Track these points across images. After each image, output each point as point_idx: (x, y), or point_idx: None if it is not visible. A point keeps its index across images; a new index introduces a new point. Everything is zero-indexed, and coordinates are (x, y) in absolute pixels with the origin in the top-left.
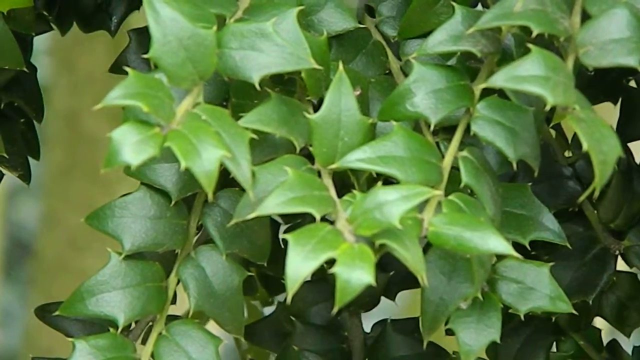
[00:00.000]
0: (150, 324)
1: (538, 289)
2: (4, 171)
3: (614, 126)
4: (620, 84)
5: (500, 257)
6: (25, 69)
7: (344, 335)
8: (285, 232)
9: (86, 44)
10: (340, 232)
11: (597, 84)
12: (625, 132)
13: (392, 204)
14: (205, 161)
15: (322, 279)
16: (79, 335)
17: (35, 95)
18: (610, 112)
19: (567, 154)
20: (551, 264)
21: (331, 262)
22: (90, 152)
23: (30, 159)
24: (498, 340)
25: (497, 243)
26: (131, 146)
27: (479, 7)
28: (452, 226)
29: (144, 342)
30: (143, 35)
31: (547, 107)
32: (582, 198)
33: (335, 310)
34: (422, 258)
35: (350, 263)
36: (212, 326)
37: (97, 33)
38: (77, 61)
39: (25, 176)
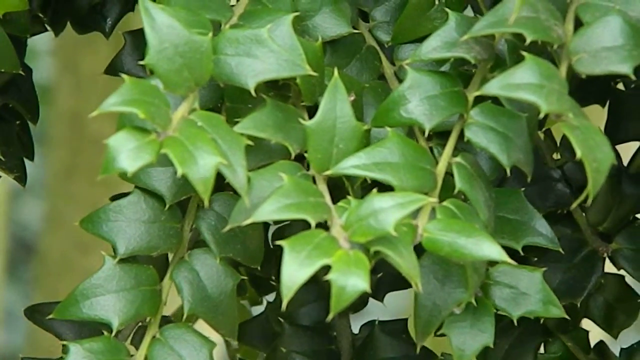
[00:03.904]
0: (140, 324)
1: (531, 294)
2: (0, 173)
3: (602, 128)
4: (609, 87)
5: (494, 262)
6: (21, 72)
7: (333, 336)
8: (275, 234)
9: (89, 44)
10: (335, 238)
11: (585, 86)
12: (613, 134)
13: (386, 211)
14: (202, 168)
15: (311, 280)
16: (70, 338)
17: (30, 97)
18: (599, 115)
19: (555, 156)
20: (543, 269)
21: (325, 269)
22: (94, 153)
23: (32, 159)
24: (491, 345)
25: (491, 249)
26: (128, 153)
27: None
28: (447, 232)
29: (133, 343)
30: (138, 38)
31: (541, 115)
32: (574, 205)
33: (330, 317)
34: (417, 264)
35: (346, 270)
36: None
37: (99, 34)
38: (80, 62)
39: (22, 178)
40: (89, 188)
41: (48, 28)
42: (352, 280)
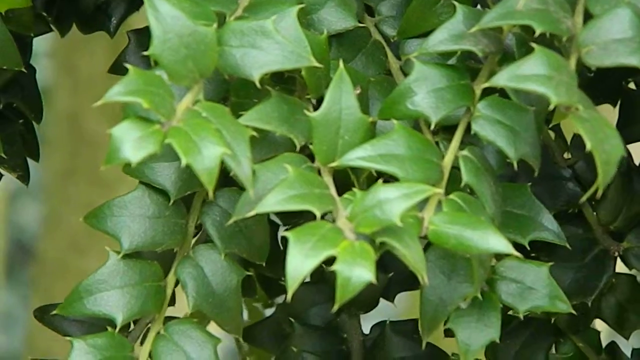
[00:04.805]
0: (149, 325)
1: (537, 289)
2: (3, 172)
3: None
4: (620, 86)
5: (500, 257)
6: (24, 70)
7: (343, 336)
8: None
9: (86, 45)
10: (340, 230)
11: (596, 85)
12: (624, 134)
13: (392, 201)
14: (206, 158)
15: (321, 280)
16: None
17: (34, 96)
18: (609, 114)
19: (566, 155)
20: (550, 264)
21: (330, 262)
22: (91, 154)
23: (30, 161)
24: (497, 340)
25: (497, 242)
26: (132, 143)
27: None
28: (453, 225)
29: (142, 343)
30: (143, 36)
31: (551, 107)
32: (584, 198)
33: (335, 308)
34: (423, 256)
35: (351, 260)
36: (211, 327)
37: (97, 34)
38: (78, 63)
39: (24, 177)
40: (86, 190)
41: (53, 28)
42: (358, 271)
